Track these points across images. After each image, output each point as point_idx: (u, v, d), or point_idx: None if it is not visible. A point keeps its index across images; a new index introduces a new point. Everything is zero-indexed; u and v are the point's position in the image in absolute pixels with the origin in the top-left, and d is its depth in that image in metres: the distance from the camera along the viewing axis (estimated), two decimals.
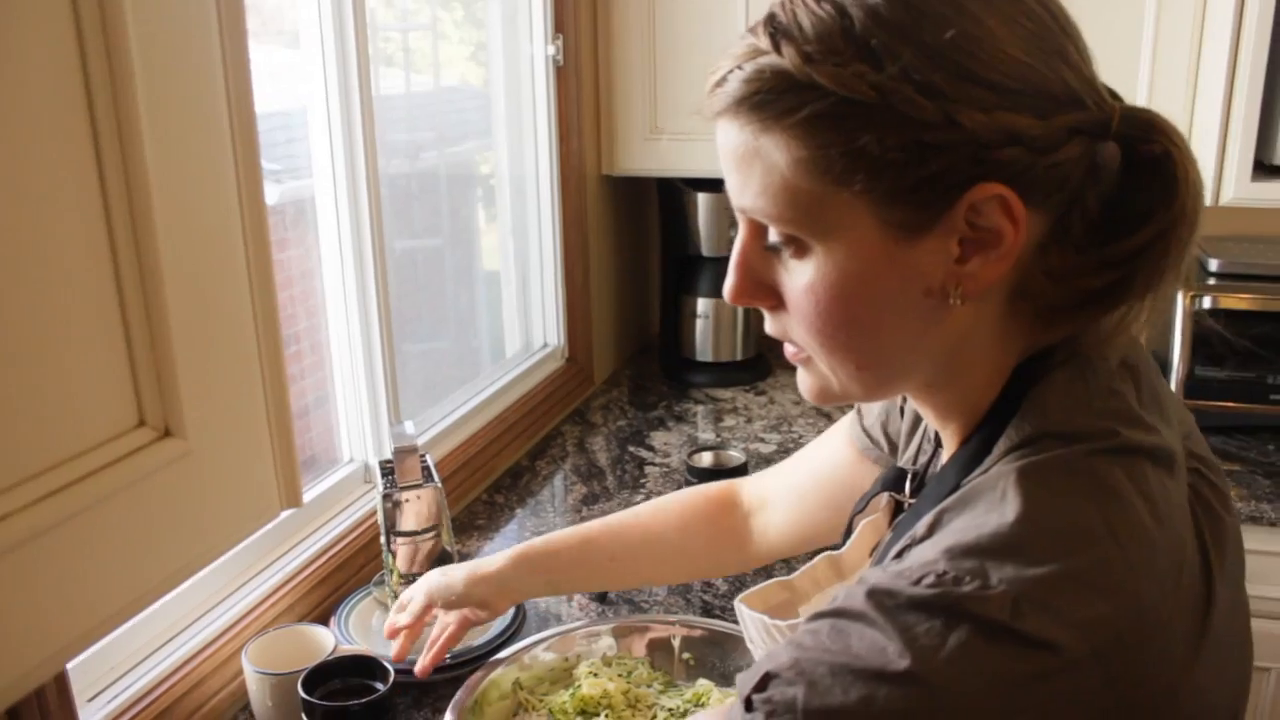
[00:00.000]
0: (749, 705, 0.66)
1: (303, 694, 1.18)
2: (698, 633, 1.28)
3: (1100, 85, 0.71)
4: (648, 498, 1.94)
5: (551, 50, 2.29)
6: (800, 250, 0.72)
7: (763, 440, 2.21)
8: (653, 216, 2.79)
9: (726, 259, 2.23)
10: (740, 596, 0.92)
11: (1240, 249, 2.15)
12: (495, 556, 1.30)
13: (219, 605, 1.45)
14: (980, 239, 0.69)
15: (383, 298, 1.77)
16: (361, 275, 1.75)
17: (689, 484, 1.82)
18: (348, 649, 1.37)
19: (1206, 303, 2.04)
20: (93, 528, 0.57)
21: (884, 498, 0.94)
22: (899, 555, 0.70)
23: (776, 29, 0.69)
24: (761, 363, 2.64)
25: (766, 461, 2.10)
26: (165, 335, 0.61)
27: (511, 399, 2.22)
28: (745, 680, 0.68)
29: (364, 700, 1.18)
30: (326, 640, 1.33)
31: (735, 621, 1.51)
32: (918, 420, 1.00)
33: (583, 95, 2.37)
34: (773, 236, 0.73)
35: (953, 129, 0.66)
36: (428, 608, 1.31)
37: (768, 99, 0.69)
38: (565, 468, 2.12)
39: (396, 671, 1.23)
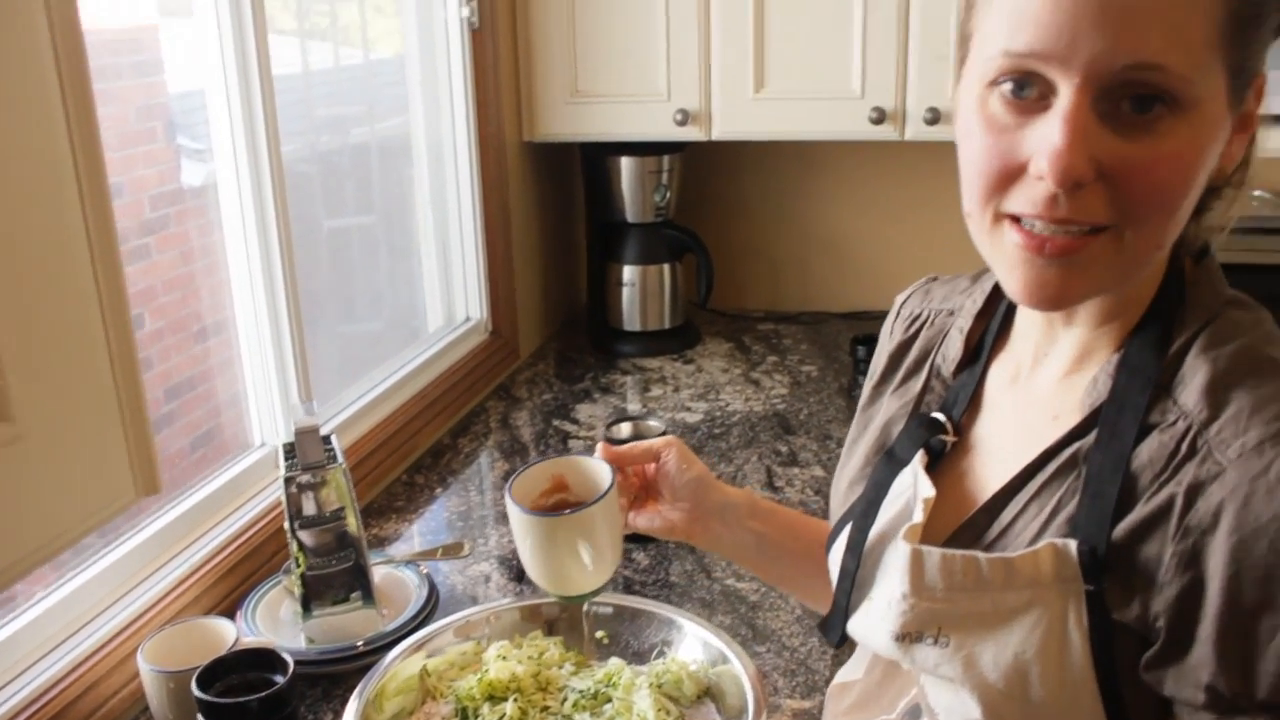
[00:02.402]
0: None
1: (196, 692, 1.13)
2: (608, 610, 1.24)
3: None
4: None
5: (466, 12, 2.23)
6: (1175, 113, 0.69)
7: (689, 410, 2.18)
8: (577, 183, 2.74)
9: (649, 226, 2.20)
10: (906, 537, 0.85)
11: None
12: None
13: (119, 601, 1.40)
14: (1243, 121, 0.75)
15: (290, 278, 1.71)
16: (267, 256, 1.69)
17: None
18: (250, 641, 1.32)
19: None
20: None
21: (918, 454, 0.91)
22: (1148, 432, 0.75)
23: None
24: (690, 330, 2.60)
25: (691, 431, 2.07)
26: None
27: (432, 375, 2.17)
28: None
29: (260, 695, 1.13)
30: (228, 633, 1.28)
31: (654, 597, 1.48)
32: (912, 363, 0.99)
33: (500, 59, 2.30)
34: (1133, 103, 0.69)
35: None
36: (655, 453, 1.13)
37: None
38: (488, 444, 2.07)
39: (297, 663, 1.19)
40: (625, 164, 2.48)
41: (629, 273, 2.53)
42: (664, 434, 1.80)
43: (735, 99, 2.29)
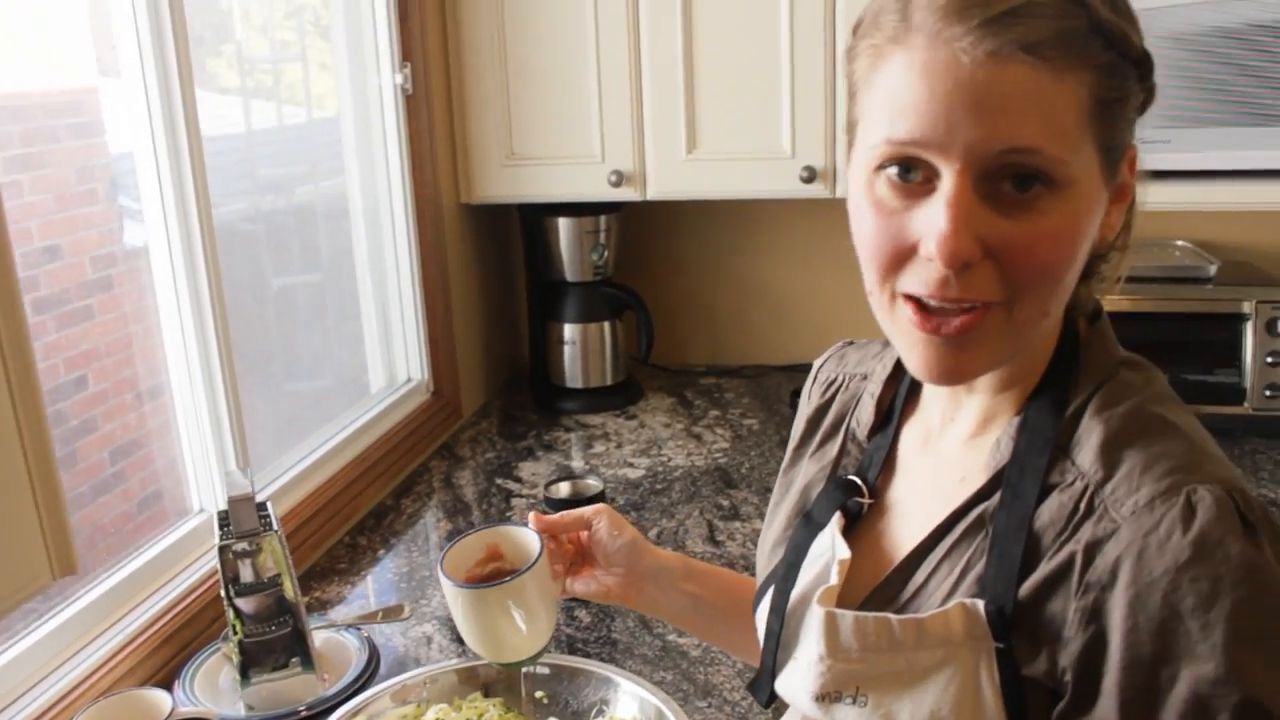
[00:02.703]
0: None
1: None
2: (546, 670, 1.25)
3: None
4: None
5: (399, 79, 2.26)
6: (1053, 191, 0.73)
7: (631, 465, 2.20)
8: (516, 243, 2.77)
9: (588, 284, 2.23)
10: (820, 600, 0.87)
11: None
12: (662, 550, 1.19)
13: (51, 674, 1.38)
14: (1119, 192, 0.80)
15: (224, 344, 1.71)
16: (200, 321, 1.69)
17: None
18: (186, 712, 1.31)
19: None
20: None
21: (835, 517, 0.93)
22: (1049, 490, 0.78)
23: None
24: (632, 386, 2.63)
25: (633, 487, 2.09)
26: None
27: (374, 437, 2.17)
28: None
29: None
30: (163, 704, 1.27)
31: (596, 655, 1.49)
32: (829, 427, 1.02)
33: (435, 124, 2.33)
34: (1013, 183, 0.73)
35: (1150, 88, 0.77)
36: (586, 521, 1.15)
37: (1078, 38, 0.72)
38: (431, 504, 2.07)
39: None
40: (563, 224, 2.51)
41: (569, 331, 2.55)
42: (602, 493, 1.83)
43: (668, 160, 2.34)
